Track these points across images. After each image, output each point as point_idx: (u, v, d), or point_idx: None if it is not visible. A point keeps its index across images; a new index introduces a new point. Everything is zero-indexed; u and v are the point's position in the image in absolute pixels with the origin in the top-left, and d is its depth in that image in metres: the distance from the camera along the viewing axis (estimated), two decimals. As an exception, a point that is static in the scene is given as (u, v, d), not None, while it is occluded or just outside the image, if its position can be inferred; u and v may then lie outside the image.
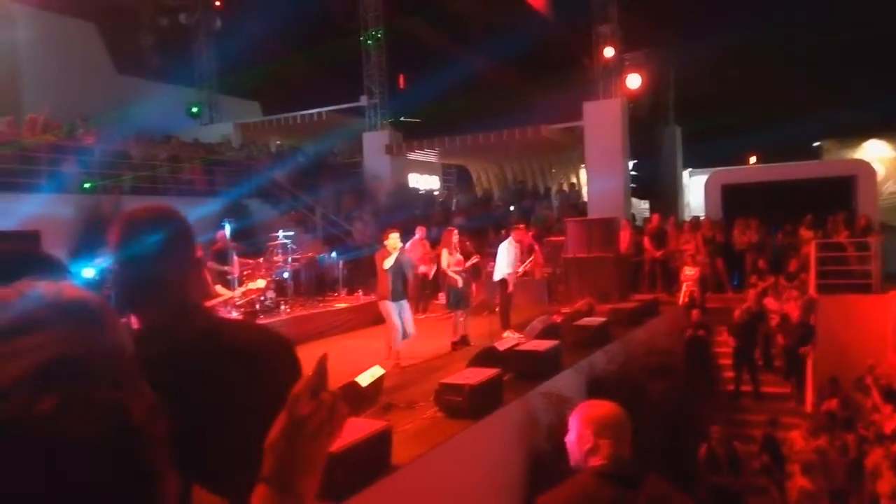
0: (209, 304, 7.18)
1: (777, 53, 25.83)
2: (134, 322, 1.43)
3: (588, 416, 2.24)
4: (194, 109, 21.62)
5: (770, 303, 11.03)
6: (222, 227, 10.64)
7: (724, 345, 10.92)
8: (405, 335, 7.91)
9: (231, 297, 8.31)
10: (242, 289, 8.32)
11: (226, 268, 9.57)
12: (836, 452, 7.67)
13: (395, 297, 7.85)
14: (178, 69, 21.30)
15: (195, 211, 13.27)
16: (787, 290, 11.16)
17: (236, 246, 10.67)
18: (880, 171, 23.25)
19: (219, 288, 8.06)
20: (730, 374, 10.74)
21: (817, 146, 29.71)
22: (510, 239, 9.79)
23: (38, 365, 0.49)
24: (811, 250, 11.52)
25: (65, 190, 12.14)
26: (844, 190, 14.45)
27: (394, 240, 7.89)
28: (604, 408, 2.28)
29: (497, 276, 9.65)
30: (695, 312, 10.87)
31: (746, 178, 16.67)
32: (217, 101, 21.89)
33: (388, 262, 7.77)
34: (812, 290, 11.02)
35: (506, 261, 9.53)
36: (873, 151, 27.30)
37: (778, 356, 10.85)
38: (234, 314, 8.44)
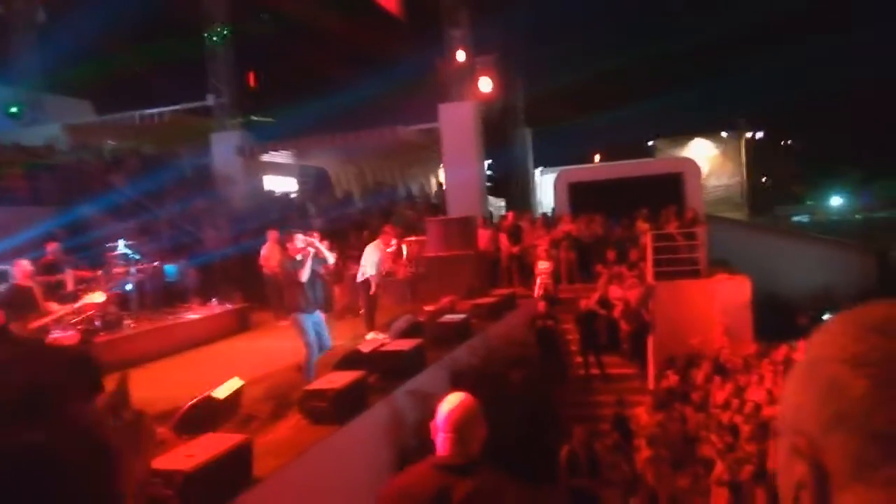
0: (39, 322, 6.48)
1: (617, 59, 27.93)
2: None
3: (439, 411, 2.35)
4: (13, 109, 19.41)
5: (614, 291, 11.85)
6: (52, 239, 9.64)
7: (574, 332, 11.61)
8: (321, 350, 7.03)
9: (66, 314, 7.54)
10: (78, 304, 7.56)
11: (58, 280, 8.69)
12: (675, 423, 8.40)
13: (309, 309, 6.97)
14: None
15: (19, 221, 11.95)
16: (628, 278, 12.06)
17: (69, 259, 9.71)
18: (705, 167, 25.86)
19: (52, 305, 7.28)
20: (578, 359, 11.43)
21: (651, 145, 32.51)
22: (377, 241, 9.76)
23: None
24: (647, 241, 12.53)
25: None
26: (674, 185, 15.88)
27: (301, 242, 7.06)
28: (451, 403, 2.36)
29: (360, 278, 9.59)
30: (541, 305, 11.43)
31: (590, 177, 17.83)
32: (41, 100, 19.79)
33: (306, 274, 6.86)
34: (650, 278, 11.99)
35: (371, 263, 9.49)
36: (699, 149, 30.37)
37: (623, 340, 11.70)
38: (70, 333, 7.68)
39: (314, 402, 5.36)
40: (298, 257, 6.96)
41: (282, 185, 21.14)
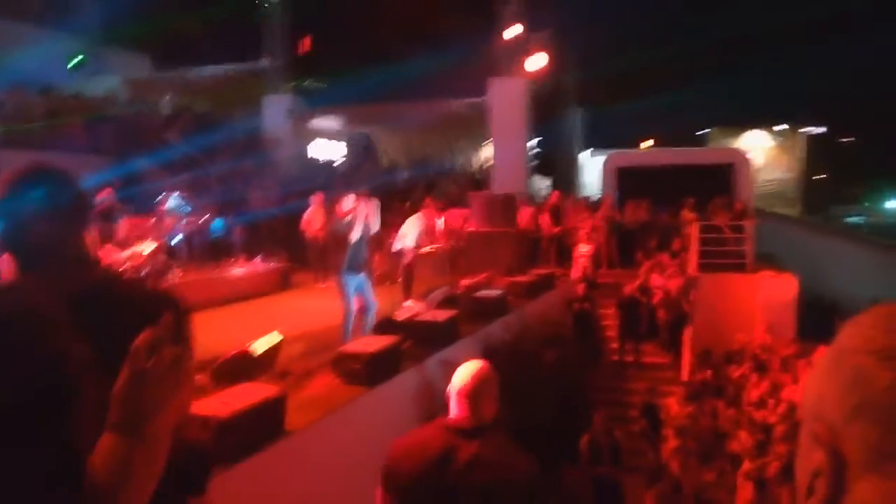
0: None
1: (676, 43, 27.15)
2: (8, 272, 1.41)
3: (455, 375, 2.40)
4: (76, 60, 19.94)
5: (654, 279, 11.71)
6: (108, 187, 9.96)
7: (611, 318, 11.53)
8: (368, 310, 7.01)
9: (118, 259, 7.84)
10: (130, 251, 7.84)
11: (111, 226, 9.00)
12: (705, 417, 8.32)
13: (354, 271, 6.96)
14: (60, 14, 19.52)
15: (77, 169, 12.37)
16: (669, 267, 11.88)
17: (123, 207, 10.04)
18: (759, 159, 25.11)
19: (106, 249, 7.56)
20: (615, 345, 11.37)
21: (704, 133, 31.63)
22: (419, 214, 9.89)
23: None
24: (693, 231, 12.30)
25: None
26: (724, 176, 15.49)
27: (352, 203, 7.04)
28: (466, 368, 2.41)
29: (395, 248, 9.70)
30: (580, 287, 11.36)
31: (639, 162, 17.51)
32: (102, 52, 20.28)
33: (356, 234, 6.84)
34: (692, 269, 11.80)
35: (410, 235, 9.60)
36: (754, 141, 29.45)
37: (661, 329, 11.58)
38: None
39: (348, 363, 5.48)
40: (348, 219, 6.96)
41: (329, 150, 21.34)
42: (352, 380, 5.38)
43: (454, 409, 2.34)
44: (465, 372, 2.38)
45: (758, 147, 28.08)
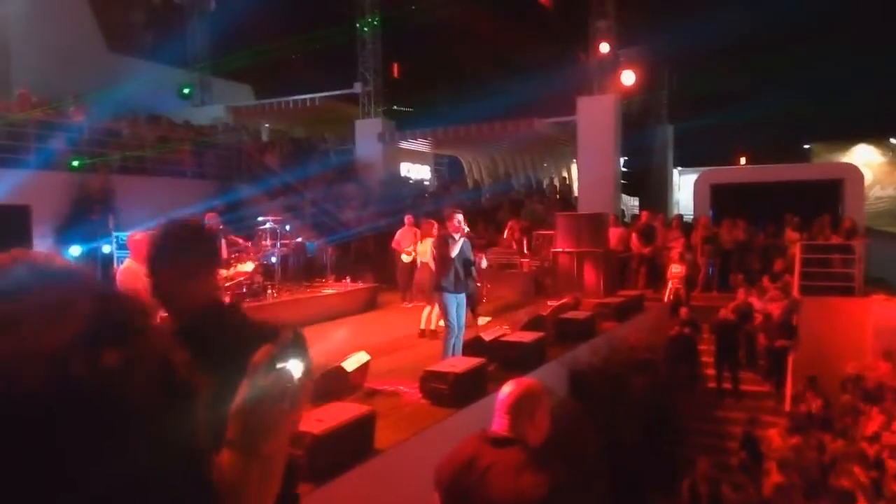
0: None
1: (770, 55, 25.94)
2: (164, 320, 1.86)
3: (501, 392, 2.44)
4: (186, 90, 21.40)
5: (754, 302, 11.15)
6: (212, 210, 10.57)
7: (706, 342, 11.04)
8: (459, 330, 7.00)
9: (220, 278, 8.29)
10: (231, 271, 8.28)
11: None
12: (811, 450, 7.80)
13: (458, 289, 6.99)
14: (170, 49, 21.07)
15: (185, 192, 13.25)
16: (770, 289, 11.28)
17: (225, 229, 10.62)
18: (868, 175, 23.47)
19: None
20: (711, 371, 10.87)
21: (807, 149, 29.91)
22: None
23: (86, 324, 0.47)
24: (796, 251, 11.63)
25: (52, 167, 12.03)
26: (831, 193, 14.58)
27: (458, 223, 7.01)
28: (513, 383, 2.45)
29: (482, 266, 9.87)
30: (683, 310, 10.97)
31: (735, 178, 16.78)
32: (209, 82, 21.69)
33: (455, 249, 6.87)
34: (795, 291, 11.14)
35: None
36: (862, 156, 27.55)
37: (760, 355, 10.98)
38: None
39: (435, 383, 5.54)
40: (456, 236, 6.94)
41: (417, 172, 21.76)
42: (438, 400, 5.43)
43: (496, 421, 2.38)
44: (511, 387, 2.42)
45: (864, 162, 26.26)
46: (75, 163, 12.68)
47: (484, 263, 8.00)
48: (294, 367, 1.03)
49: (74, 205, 11.77)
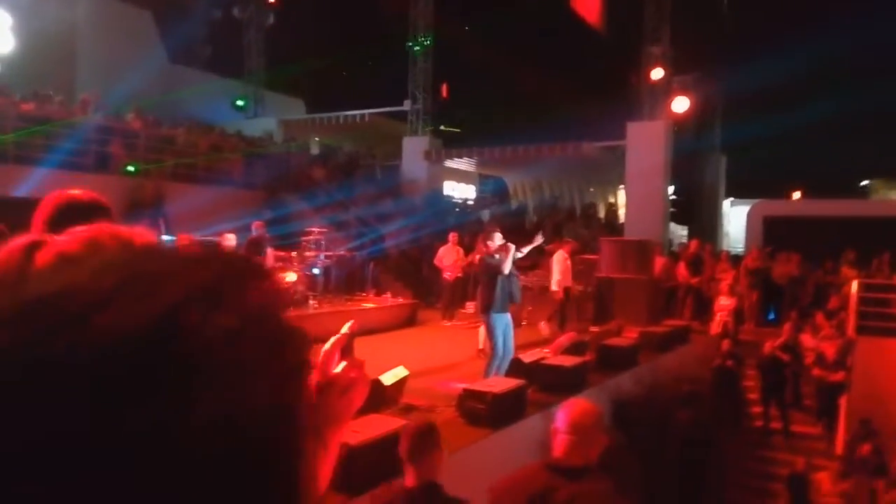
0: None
1: (828, 90, 25.29)
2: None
3: (560, 414, 2.35)
4: (240, 102, 21.98)
5: (807, 340, 10.72)
6: (259, 219, 10.74)
7: (751, 378, 10.65)
8: (506, 354, 6.75)
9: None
10: (274, 280, 8.36)
11: (260, 256, 9.66)
12: (863, 497, 7.39)
13: (504, 309, 6.79)
14: (227, 61, 21.71)
15: (232, 202, 13.50)
16: (825, 327, 10.84)
17: (271, 238, 10.76)
18: (930, 214, 22.52)
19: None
20: (757, 409, 10.45)
21: (864, 185, 28.95)
22: (561, 251, 10.50)
23: (204, 281, 0.43)
24: (853, 289, 11.17)
25: (109, 171, 12.41)
26: (891, 231, 14.03)
27: (500, 240, 6.84)
28: (572, 405, 2.38)
29: (554, 287, 10.36)
30: (725, 342, 10.60)
31: (790, 212, 16.33)
32: (262, 95, 22.22)
33: (508, 267, 6.68)
34: (851, 331, 10.68)
35: (558, 271, 10.27)
36: (923, 194, 26.53)
37: (809, 395, 10.53)
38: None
39: (472, 402, 5.42)
40: (498, 256, 6.81)
41: (461, 191, 21.79)
42: (475, 420, 5.31)
43: (558, 447, 2.29)
44: (570, 408, 2.35)
45: (929, 200, 25.24)
46: (131, 168, 13.06)
47: (527, 249, 7.57)
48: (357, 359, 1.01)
49: (127, 209, 12.10)
